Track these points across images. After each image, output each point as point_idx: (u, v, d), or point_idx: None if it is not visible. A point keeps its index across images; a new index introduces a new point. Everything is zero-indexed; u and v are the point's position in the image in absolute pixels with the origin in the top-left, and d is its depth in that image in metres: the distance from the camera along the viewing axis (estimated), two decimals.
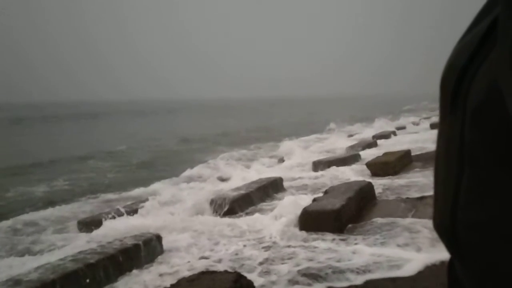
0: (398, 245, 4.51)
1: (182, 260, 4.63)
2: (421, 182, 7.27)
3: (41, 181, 11.59)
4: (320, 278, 3.85)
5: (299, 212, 5.40)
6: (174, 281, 3.37)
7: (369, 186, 6.47)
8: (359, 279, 3.79)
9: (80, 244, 5.60)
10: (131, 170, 13.69)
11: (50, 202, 8.76)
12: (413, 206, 5.85)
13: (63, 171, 13.36)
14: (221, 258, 4.59)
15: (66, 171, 13.22)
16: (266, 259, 4.41)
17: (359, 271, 3.95)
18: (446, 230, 0.53)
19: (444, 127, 0.55)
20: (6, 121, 43.75)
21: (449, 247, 0.53)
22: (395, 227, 5.08)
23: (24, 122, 42.46)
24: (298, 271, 4.03)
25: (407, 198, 6.36)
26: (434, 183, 0.57)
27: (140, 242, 4.74)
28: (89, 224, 6.44)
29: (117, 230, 5.99)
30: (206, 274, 3.20)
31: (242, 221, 5.90)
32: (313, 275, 3.92)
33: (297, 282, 3.79)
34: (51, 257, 5.03)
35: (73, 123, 41.65)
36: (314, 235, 5.02)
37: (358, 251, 4.46)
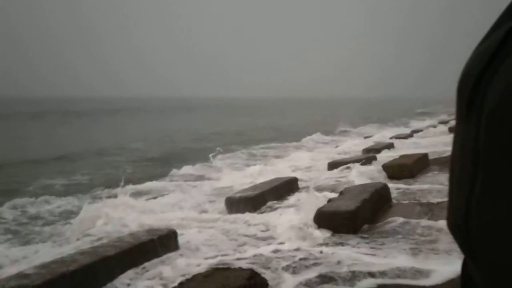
0: (411, 249, 4.49)
1: (197, 256, 4.67)
2: (438, 186, 7.20)
3: (61, 174, 11.82)
4: (333, 281, 3.84)
5: (313, 212, 5.40)
6: (189, 277, 3.42)
7: (385, 188, 6.43)
8: (372, 283, 3.77)
9: (94, 237, 5.69)
10: (147, 165, 13.84)
11: (68, 194, 8.95)
12: (429, 209, 5.80)
13: (82, 164, 13.61)
14: (234, 256, 4.61)
15: (84, 165, 13.46)
16: (279, 259, 4.42)
17: (371, 274, 3.93)
18: (459, 230, 0.54)
19: (460, 131, 0.56)
20: (29, 115, 44.61)
21: (463, 246, 0.54)
22: (410, 229, 5.05)
23: (46, 117, 43.21)
24: (310, 272, 4.02)
25: (423, 201, 6.30)
26: (449, 184, 0.59)
27: (155, 238, 4.80)
28: (104, 218, 6.55)
29: (128, 225, 6.09)
30: (221, 271, 3.24)
31: (257, 220, 5.92)
32: (325, 277, 3.91)
33: (308, 284, 3.78)
34: (65, 250, 5.16)
35: (93, 118, 42.20)
36: (328, 236, 5.01)
37: (372, 253, 4.44)
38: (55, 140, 22.30)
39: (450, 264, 3.90)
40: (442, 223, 4.98)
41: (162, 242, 4.80)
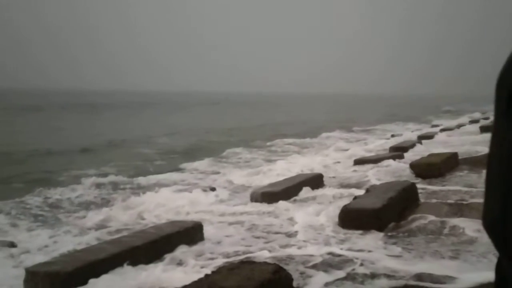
0: (439, 249, 4.40)
1: (221, 250, 4.71)
2: (467, 186, 7.03)
3: (91, 165, 12.10)
4: (357, 279, 3.80)
5: (339, 209, 5.37)
6: (214, 269, 3.46)
7: (412, 187, 6.32)
8: (396, 283, 3.71)
9: (112, 229, 5.80)
10: (173, 158, 14.03)
11: (97, 185, 9.17)
12: (458, 209, 5.67)
13: (111, 156, 13.92)
14: (259, 250, 4.63)
15: (113, 157, 13.75)
16: (303, 256, 4.40)
17: (396, 274, 3.87)
18: (495, 229, 0.53)
19: (499, 128, 0.56)
20: (56, 107, 45.84)
21: (498, 245, 0.54)
22: (437, 229, 4.95)
23: (74, 109, 44.33)
24: (335, 271, 3.99)
25: (452, 201, 6.17)
26: (486, 182, 0.58)
27: (181, 230, 4.87)
28: (128, 208, 6.71)
29: (146, 218, 6.21)
30: (246, 264, 3.26)
31: (282, 216, 5.92)
32: (350, 275, 3.88)
33: (332, 282, 3.75)
34: (86, 239, 5.29)
35: (116, 112, 43.00)
36: (354, 233, 4.96)
37: (398, 252, 4.38)
38: (84, 132, 22.84)
39: (479, 268, 3.81)
40: (471, 224, 4.87)
41: (188, 234, 4.86)
